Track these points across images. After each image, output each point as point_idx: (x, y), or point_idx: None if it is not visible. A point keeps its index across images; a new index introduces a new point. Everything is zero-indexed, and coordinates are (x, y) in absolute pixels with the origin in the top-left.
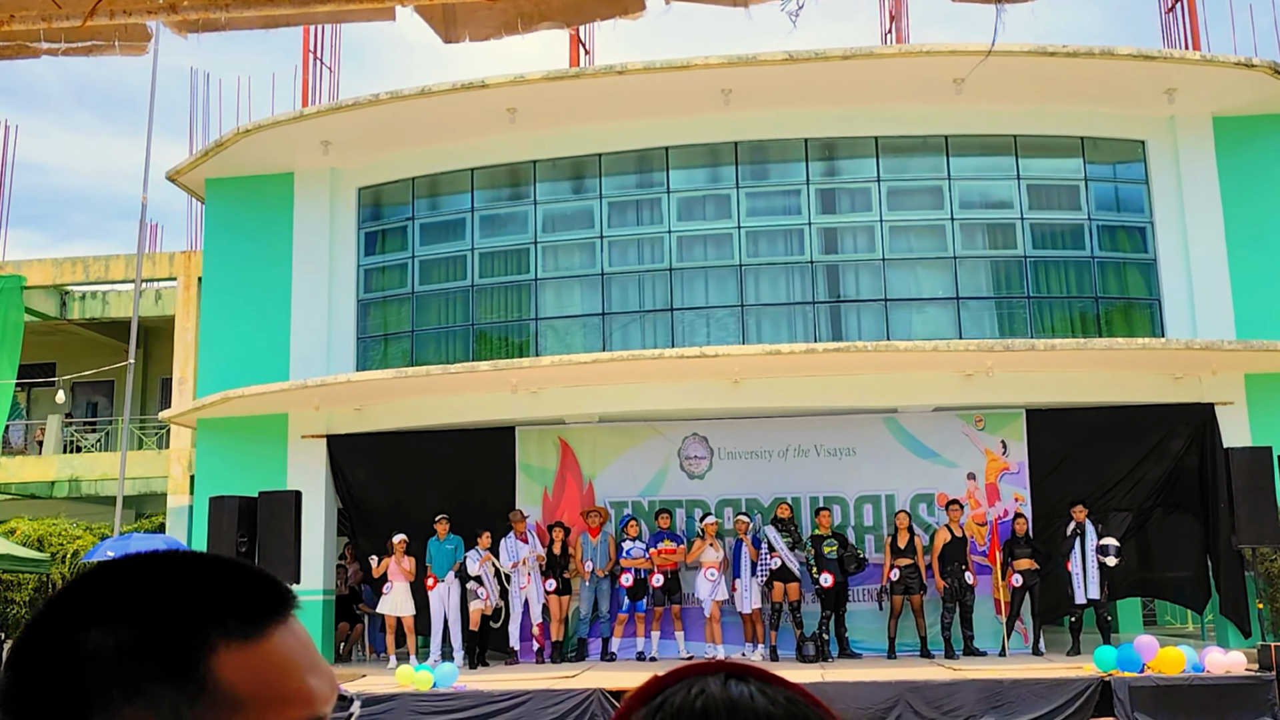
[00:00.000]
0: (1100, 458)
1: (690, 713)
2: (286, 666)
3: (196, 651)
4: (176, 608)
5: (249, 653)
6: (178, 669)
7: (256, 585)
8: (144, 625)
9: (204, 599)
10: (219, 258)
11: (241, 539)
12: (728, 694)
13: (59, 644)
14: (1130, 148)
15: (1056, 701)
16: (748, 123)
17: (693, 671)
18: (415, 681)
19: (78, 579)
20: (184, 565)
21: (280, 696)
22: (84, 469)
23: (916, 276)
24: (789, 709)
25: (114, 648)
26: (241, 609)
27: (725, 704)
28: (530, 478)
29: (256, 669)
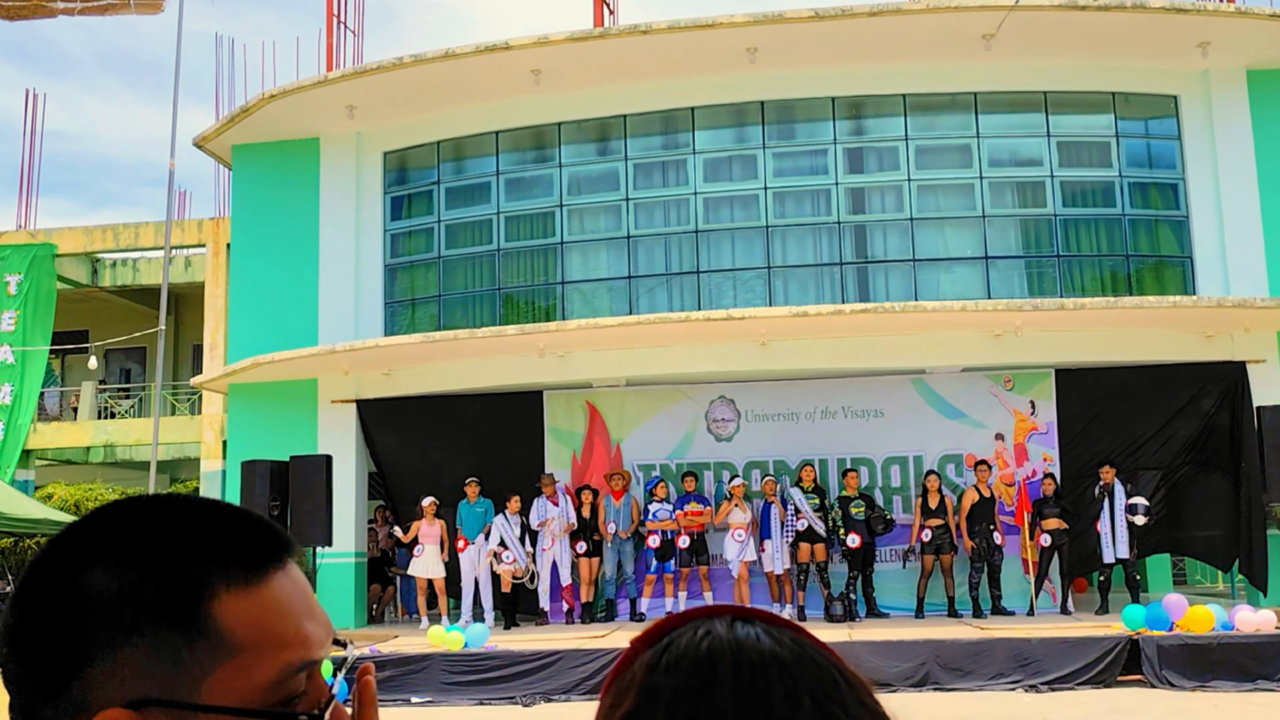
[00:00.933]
0: (1130, 417)
1: (696, 653)
2: (284, 612)
3: (196, 596)
4: (178, 552)
5: (248, 598)
6: (178, 612)
7: (257, 531)
8: (146, 568)
9: (205, 544)
10: (247, 224)
11: (274, 502)
12: (734, 635)
13: (62, 584)
14: (1162, 103)
15: (1084, 660)
16: (774, 81)
17: (699, 615)
18: (447, 642)
19: (81, 519)
20: (186, 510)
21: (277, 641)
22: (118, 434)
23: (945, 236)
24: (795, 650)
25: (116, 589)
26: (242, 555)
27: (731, 644)
28: (559, 441)
29: (255, 614)
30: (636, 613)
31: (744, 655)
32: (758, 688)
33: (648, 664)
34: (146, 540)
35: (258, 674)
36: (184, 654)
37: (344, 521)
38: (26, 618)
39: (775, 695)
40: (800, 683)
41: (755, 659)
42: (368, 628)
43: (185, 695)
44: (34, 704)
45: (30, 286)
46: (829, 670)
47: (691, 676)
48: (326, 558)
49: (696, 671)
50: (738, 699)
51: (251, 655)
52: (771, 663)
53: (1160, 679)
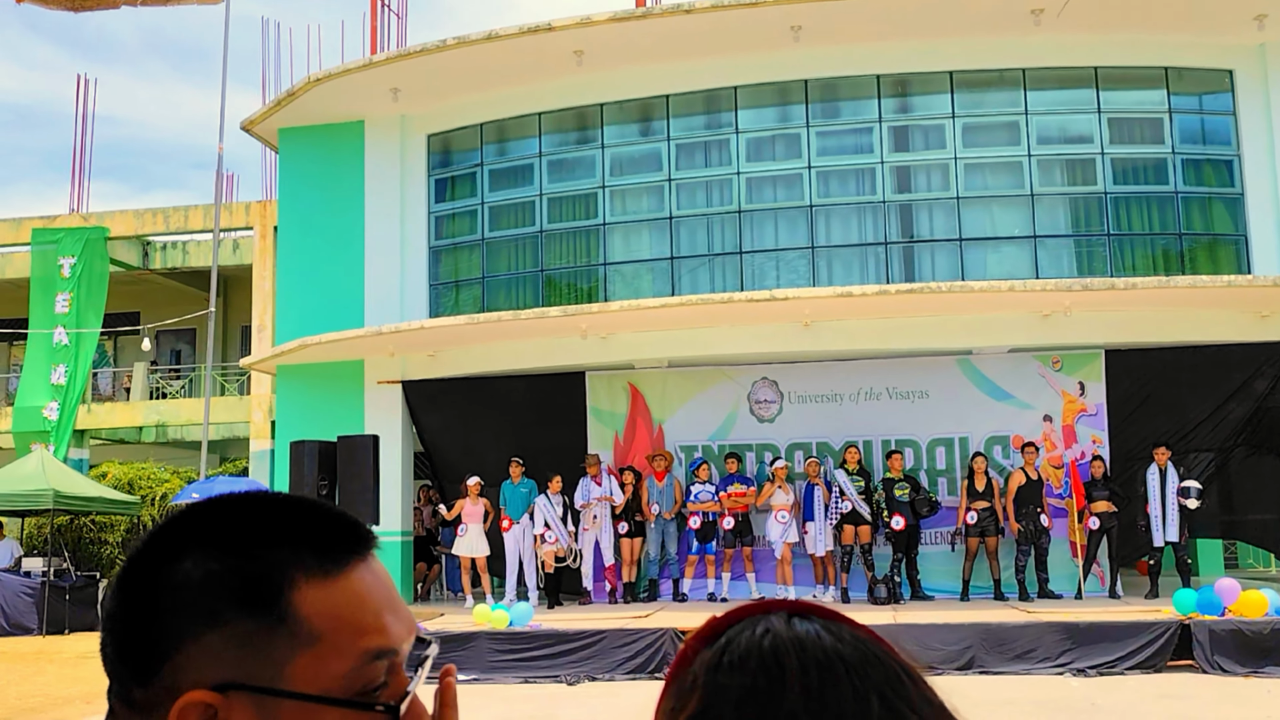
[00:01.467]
0: (1181, 398)
1: (760, 652)
2: (363, 603)
3: (277, 584)
4: (259, 542)
5: (328, 588)
6: (259, 600)
7: (338, 524)
8: (229, 558)
9: (286, 535)
10: (293, 207)
11: (322, 482)
12: (794, 632)
13: (153, 573)
14: (1217, 78)
15: (1134, 644)
16: (818, 59)
17: (753, 611)
18: (492, 620)
19: (175, 515)
20: (270, 504)
21: (356, 630)
22: (169, 415)
23: (992, 215)
24: (857, 647)
25: (201, 579)
26: (322, 546)
27: (794, 642)
28: (601, 422)
29: (334, 604)
30: (679, 593)
31: (809, 654)
32: (826, 687)
33: (710, 664)
34: (231, 532)
35: (337, 662)
36: (265, 641)
37: (390, 501)
38: (122, 605)
39: (844, 695)
40: (868, 681)
41: (821, 658)
42: (414, 606)
43: (267, 681)
44: (128, 686)
45: (83, 269)
46: (892, 667)
47: (759, 676)
48: None
49: (763, 671)
50: (808, 699)
51: (330, 644)
52: (837, 661)
53: (1212, 665)
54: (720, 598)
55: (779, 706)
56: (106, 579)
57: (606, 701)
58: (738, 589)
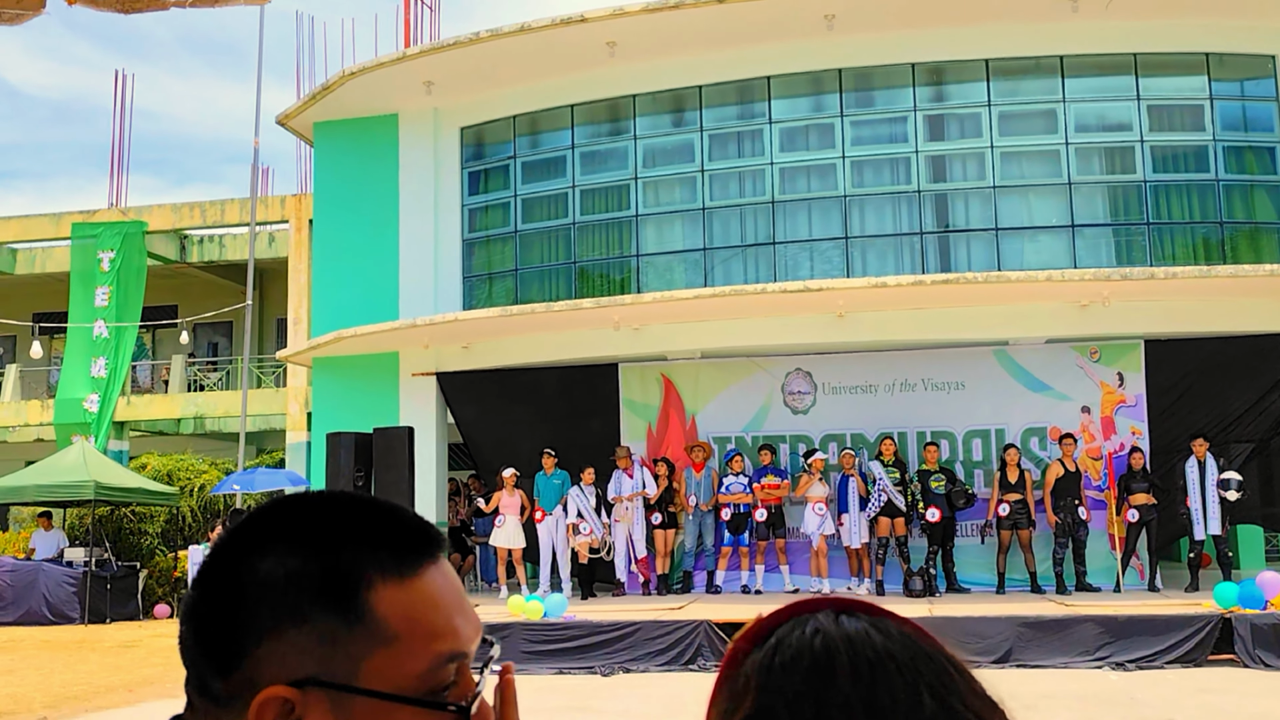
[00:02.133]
0: (1223, 389)
1: (812, 651)
2: (436, 604)
3: (355, 584)
4: (339, 542)
5: (403, 589)
6: (337, 599)
7: (410, 527)
8: (310, 556)
9: (363, 536)
10: (328, 200)
11: (358, 473)
12: (844, 630)
13: (236, 569)
14: (1259, 63)
15: (1174, 638)
16: (852, 48)
17: (800, 610)
18: (526, 611)
19: (257, 511)
20: (347, 505)
21: (429, 632)
22: (207, 407)
23: (1029, 204)
24: (906, 644)
25: (283, 576)
26: (397, 548)
27: (844, 640)
28: (634, 414)
29: (408, 605)
30: (712, 585)
31: (860, 652)
32: (878, 684)
33: (761, 665)
34: (311, 531)
35: (410, 662)
36: (343, 638)
37: (425, 492)
38: (204, 599)
39: (896, 690)
40: (919, 676)
41: (872, 655)
42: None
43: (343, 678)
44: (207, 679)
45: (122, 263)
46: (941, 662)
47: (812, 675)
48: None
49: (815, 670)
50: (861, 696)
51: (405, 644)
52: (888, 658)
53: (1254, 659)
54: (754, 590)
55: (833, 704)
56: (146, 569)
57: (640, 693)
58: (771, 581)
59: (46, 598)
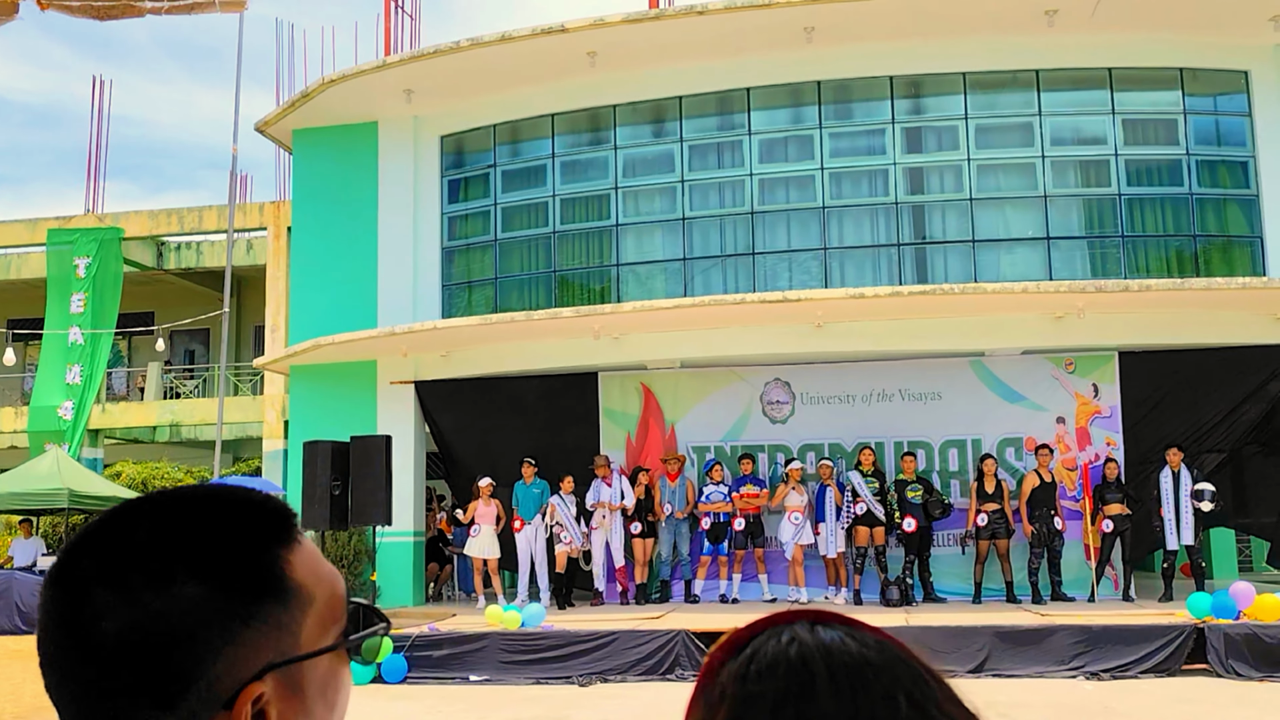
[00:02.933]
0: (1196, 401)
1: (788, 661)
2: (319, 558)
3: (272, 564)
4: (236, 534)
5: (298, 553)
6: (266, 584)
7: (269, 501)
8: (222, 559)
9: (251, 520)
10: (307, 207)
11: (335, 482)
12: (820, 640)
13: (147, 607)
14: (1232, 79)
15: (1148, 648)
16: (831, 61)
17: (776, 620)
18: (504, 621)
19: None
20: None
21: (330, 581)
22: (183, 414)
23: (1005, 216)
24: (882, 651)
25: (207, 589)
26: (276, 519)
27: (820, 649)
28: (613, 423)
29: (309, 564)
30: (690, 594)
31: (836, 660)
32: (856, 691)
33: (737, 674)
34: (209, 538)
35: (329, 613)
36: (283, 618)
37: (403, 501)
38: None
39: (874, 697)
40: (895, 684)
41: (848, 662)
42: (426, 606)
43: (293, 651)
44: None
45: (98, 269)
46: (916, 669)
47: (789, 683)
48: (386, 537)
49: (793, 677)
50: (838, 703)
51: (322, 599)
52: (864, 665)
53: (1226, 668)
54: (731, 599)
55: (811, 710)
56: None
57: (618, 703)
58: (749, 590)
59: (19, 607)
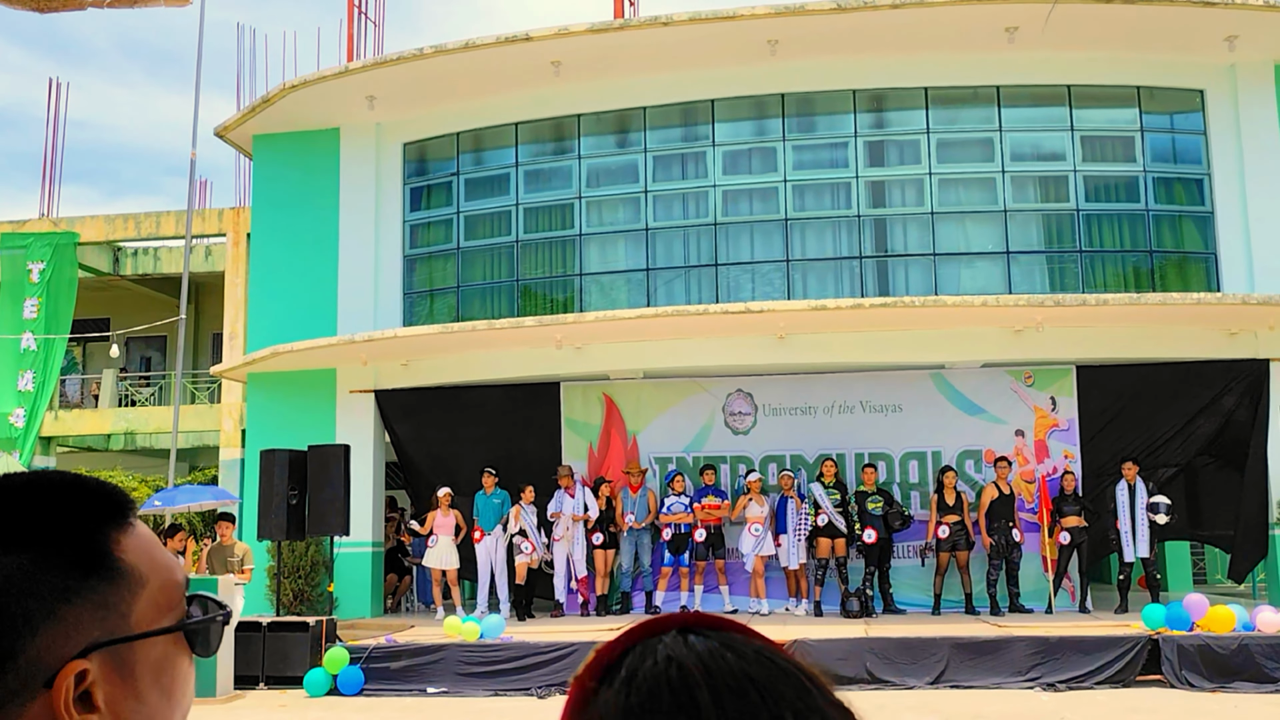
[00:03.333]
0: (1152, 414)
1: (670, 686)
2: (155, 542)
3: (101, 544)
4: (68, 513)
5: (131, 536)
6: (94, 562)
7: (102, 485)
8: (51, 536)
9: (83, 501)
10: (267, 213)
11: (292, 492)
12: (697, 654)
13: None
14: (1188, 97)
15: (1103, 659)
16: (795, 74)
17: (644, 632)
18: (462, 632)
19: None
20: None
21: (165, 566)
22: (138, 422)
23: (966, 230)
24: (762, 662)
25: (31, 564)
26: (110, 503)
27: (701, 670)
28: (576, 433)
29: (143, 548)
30: (651, 605)
31: (718, 679)
32: (743, 714)
33: (617, 705)
34: (34, 514)
35: (163, 597)
36: (111, 598)
37: (361, 511)
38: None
39: (760, 717)
40: (782, 701)
41: (732, 683)
42: (384, 617)
43: (121, 632)
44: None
45: (52, 274)
46: (798, 677)
47: (673, 712)
48: (344, 547)
49: (675, 701)
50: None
51: (155, 582)
52: (748, 683)
53: (1180, 679)
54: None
55: None
56: None
57: None
58: (710, 602)
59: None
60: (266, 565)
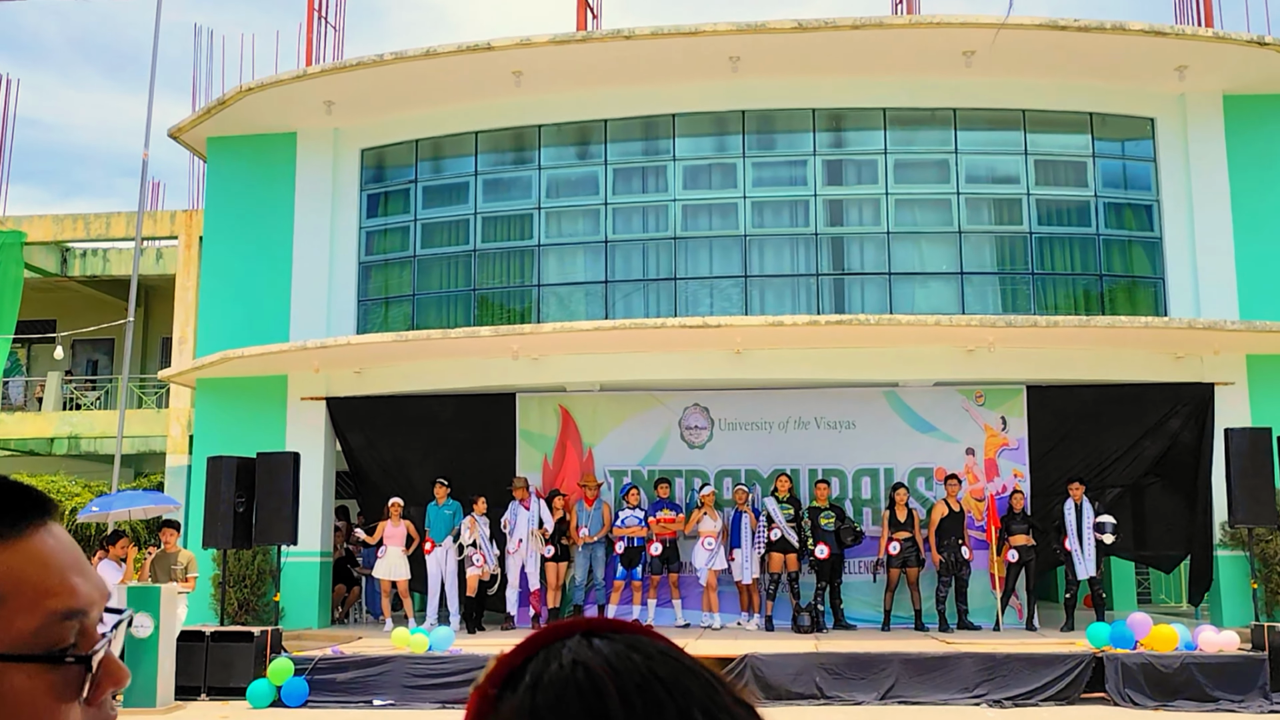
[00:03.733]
0: (1100, 435)
1: (577, 687)
2: (45, 563)
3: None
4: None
5: (7, 550)
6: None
7: (10, 491)
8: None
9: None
10: (220, 217)
11: (239, 499)
12: (603, 656)
13: None
14: (1139, 125)
15: (1049, 676)
16: (755, 91)
17: (547, 637)
18: (411, 644)
19: None
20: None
21: (39, 590)
22: (83, 426)
23: (921, 250)
24: (667, 662)
25: None
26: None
27: (608, 670)
28: (530, 444)
29: (14, 565)
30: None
31: (627, 680)
32: (650, 712)
33: (522, 709)
34: None
35: (21, 620)
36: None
37: (310, 520)
38: None
39: (669, 715)
40: (689, 698)
41: (639, 681)
42: (331, 628)
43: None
44: None
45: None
46: (704, 676)
47: (581, 713)
48: (291, 556)
49: (582, 703)
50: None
51: (14, 604)
52: (655, 682)
53: (1123, 697)
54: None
55: None
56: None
57: None
58: (663, 616)
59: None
60: (211, 574)
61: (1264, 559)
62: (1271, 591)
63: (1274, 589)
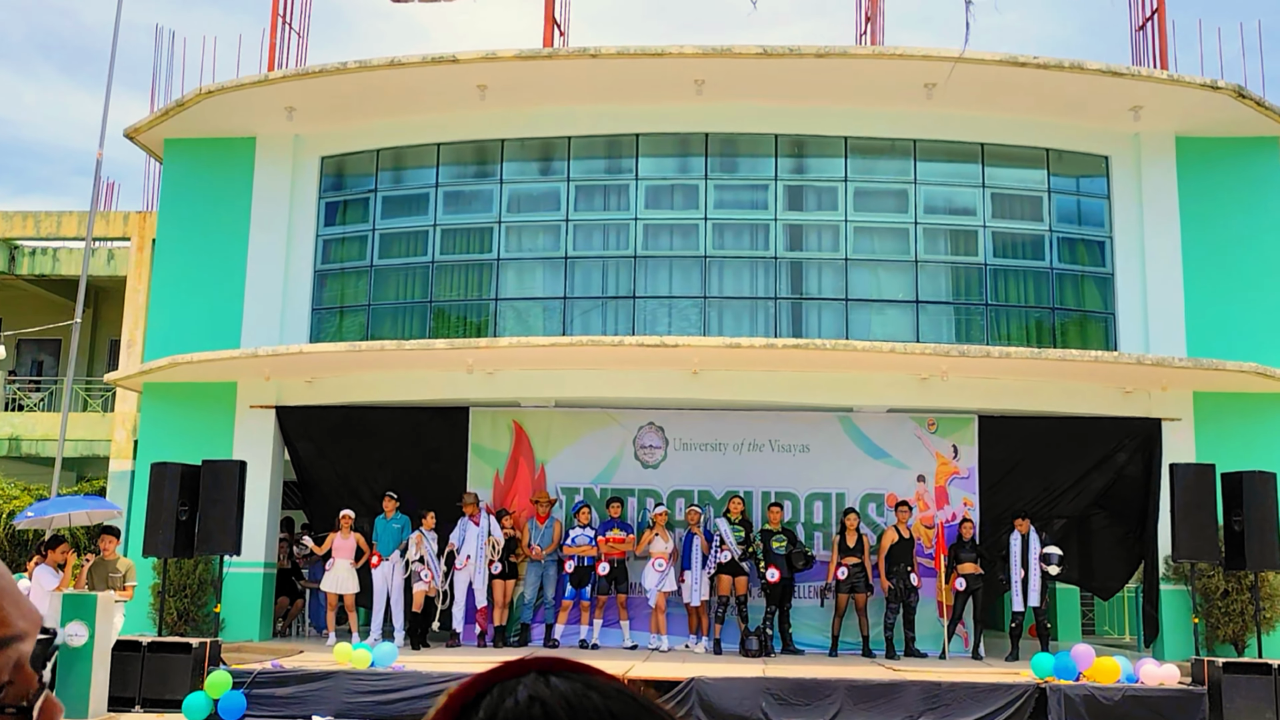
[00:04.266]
0: (1048, 466)
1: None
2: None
3: None
4: None
5: None
6: None
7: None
8: None
9: None
10: (174, 220)
11: (182, 507)
12: (560, 694)
13: None
14: (1094, 162)
15: (993, 706)
16: (719, 114)
17: (502, 674)
18: (353, 660)
19: None
20: None
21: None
22: (24, 428)
23: (878, 278)
24: (624, 701)
25: None
26: None
27: (565, 708)
28: (482, 459)
29: None
30: (550, 638)
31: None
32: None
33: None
34: None
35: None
36: None
37: (254, 530)
38: None
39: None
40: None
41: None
42: (273, 641)
43: None
44: None
45: None
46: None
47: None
48: (234, 567)
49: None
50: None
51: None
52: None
53: None
54: (592, 644)
55: None
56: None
57: None
58: (610, 636)
59: None
60: (151, 583)
61: (1205, 594)
62: (1212, 626)
63: (1215, 624)
